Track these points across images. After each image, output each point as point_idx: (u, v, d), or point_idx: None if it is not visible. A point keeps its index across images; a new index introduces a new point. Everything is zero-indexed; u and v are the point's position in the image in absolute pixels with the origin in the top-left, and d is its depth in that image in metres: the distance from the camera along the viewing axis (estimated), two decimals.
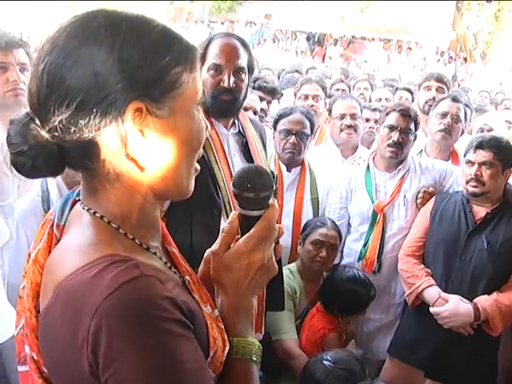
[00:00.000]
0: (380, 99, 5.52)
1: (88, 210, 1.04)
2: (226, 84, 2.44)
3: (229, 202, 2.37)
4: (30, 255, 1.10)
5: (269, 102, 4.59)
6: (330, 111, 4.20)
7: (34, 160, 0.99)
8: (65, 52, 0.96)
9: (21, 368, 1.09)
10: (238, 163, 2.50)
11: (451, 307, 2.99)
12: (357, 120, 4.03)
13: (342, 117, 4.00)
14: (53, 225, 1.10)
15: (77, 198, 1.11)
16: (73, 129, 0.96)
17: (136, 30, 0.99)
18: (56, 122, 0.96)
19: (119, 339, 0.88)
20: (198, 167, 1.12)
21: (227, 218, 2.29)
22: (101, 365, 0.89)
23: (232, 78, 2.44)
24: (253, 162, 2.51)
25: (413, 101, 5.34)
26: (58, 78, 0.96)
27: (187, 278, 1.12)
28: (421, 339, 3.15)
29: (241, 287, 1.13)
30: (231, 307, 1.13)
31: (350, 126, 3.98)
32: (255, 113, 3.91)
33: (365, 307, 3.16)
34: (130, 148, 0.99)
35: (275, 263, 1.17)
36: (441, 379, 3.06)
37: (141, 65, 0.97)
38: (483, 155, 3.01)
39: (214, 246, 1.16)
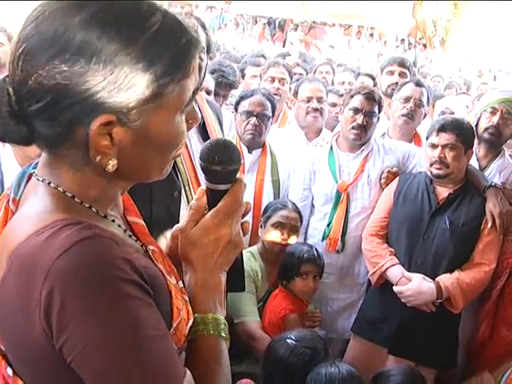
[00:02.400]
0: (343, 82, 5.52)
1: (43, 181, 1.00)
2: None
3: (188, 184, 2.33)
4: None
5: (224, 96, 4.57)
6: (295, 93, 4.18)
7: (2, 134, 0.97)
8: (44, 44, 0.89)
9: None
10: (195, 145, 2.46)
11: (414, 286, 3.02)
12: (323, 103, 4.02)
13: (309, 100, 3.98)
14: (9, 200, 1.07)
15: (32, 171, 1.07)
16: (38, 120, 0.93)
17: (126, 31, 0.90)
18: (27, 109, 0.92)
19: (72, 301, 0.84)
20: (179, 153, 1.08)
21: (187, 199, 2.26)
22: (54, 330, 0.86)
23: None
24: None
25: (374, 86, 5.35)
26: (32, 71, 0.90)
27: (150, 247, 1.10)
28: (384, 317, 3.18)
29: (209, 263, 1.11)
30: (199, 283, 1.11)
31: (316, 110, 3.97)
32: (208, 93, 3.87)
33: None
34: (95, 154, 0.94)
35: (243, 238, 1.15)
36: (404, 355, 3.09)
37: (120, 75, 0.90)
38: (446, 138, 3.04)
39: (182, 223, 1.14)
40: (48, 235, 0.89)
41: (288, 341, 2.45)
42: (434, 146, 3.08)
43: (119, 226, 1.06)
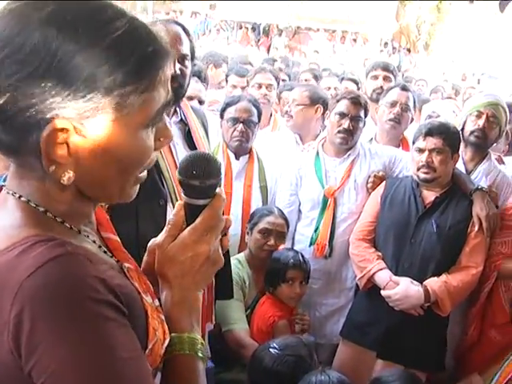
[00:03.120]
0: (329, 88, 5.53)
1: (13, 194, 0.95)
2: (171, 71, 2.37)
3: (174, 192, 2.32)
4: None
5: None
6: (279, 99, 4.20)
7: None
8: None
9: None
10: (181, 152, 2.45)
11: (402, 290, 3.02)
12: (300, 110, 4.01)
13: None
14: None
15: (2, 184, 1.01)
16: None
17: (87, 32, 0.85)
18: None
19: (42, 322, 0.80)
20: (145, 175, 1.02)
21: (173, 208, 2.24)
22: (23, 352, 0.81)
23: (177, 65, 2.38)
24: (197, 150, 2.46)
25: (358, 91, 5.35)
26: None
27: (126, 264, 1.04)
28: (372, 321, 3.18)
29: (186, 280, 1.07)
30: (176, 301, 1.07)
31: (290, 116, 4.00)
32: (201, 102, 3.86)
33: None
34: (50, 162, 0.88)
35: (221, 255, 1.11)
36: (392, 359, 3.09)
37: (77, 79, 0.84)
38: (433, 142, 3.05)
39: (159, 238, 1.10)
40: (18, 252, 0.85)
41: (271, 350, 2.43)
42: (420, 151, 3.08)
43: (94, 241, 1.02)
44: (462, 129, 3.35)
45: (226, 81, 5.30)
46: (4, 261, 0.85)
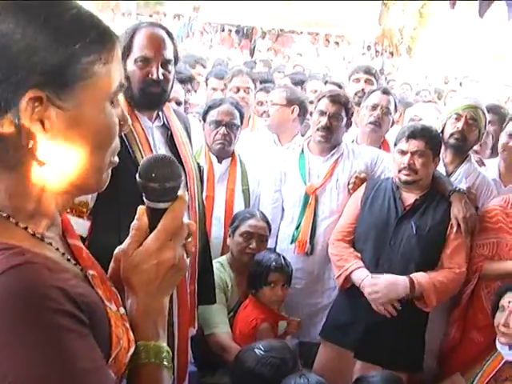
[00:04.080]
0: (316, 90, 5.54)
1: None
2: (154, 76, 2.37)
3: None
4: None
5: (188, 91, 4.56)
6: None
7: None
8: None
9: None
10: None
11: (387, 279, 3.04)
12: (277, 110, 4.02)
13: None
14: None
15: None
16: None
17: (46, 10, 0.90)
18: None
19: (1, 333, 0.79)
20: (116, 160, 1.04)
21: None
22: None
23: (161, 70, 2.38)
24: (178, 154, 2.46)
25: None
26: None
27: (90, 272, 1.03)
28: (351, 321, 3.18)
29: (151, 288, 1.06)
30: (141, 309, 1.06)
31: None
32: (178, 104, 3.85)
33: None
34: (26, 140, 0.89)
35: (187, 261, 1.10)
36: (370, 360, 3.10)
37: (45, 50, 0.88)
38: (415, 144, 3.07)
39: (124, 244, 1.08)
40: None
41: (256, 351, 2.43)
42: (403, 153, 3.10)
43: (57, 249, 1.00)
44: (442, 131, 3.37)
45: (206, 84, 5.31)
46: None
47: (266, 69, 8.05)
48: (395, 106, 3.89)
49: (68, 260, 1.01)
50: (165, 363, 1.05)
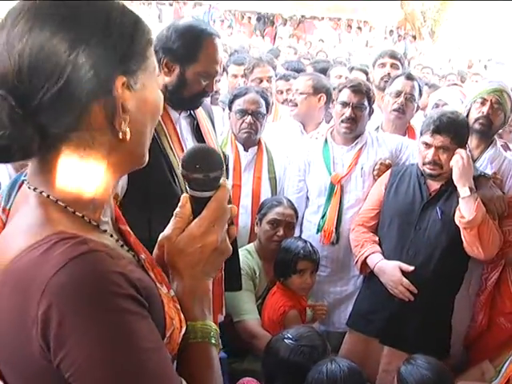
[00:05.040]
0: (340, 76, 5.52)
1: (34, 190, 0.99)
2: (210, 89, 2.43)
3: (186, 190, 2.33)
4: None
5: (218, 81, 4.57)
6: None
7: (11, 143, 0.92)
8: (45, 33, 0.91)
9: None
10: (190, 146, 2.46)
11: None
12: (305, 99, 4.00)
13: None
14: None
15: (24, 178, 1.05)
16: (48, 114, 0.92)
17: (99, 18, 0.96)
18: (38, 101, 0.91)
19: (70, 318, 0.85)
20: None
21: None
22: (52, 346, 0.85)
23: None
24: (204, 143, 2.48)
25: (368, 81, 5.34)
26: (40, 61, 0.90)
27: (142, 256, 1.09)
28: (375, 309, 3.20)
29: (196, 271, 1.11)
30: (187, 291, 1.11)
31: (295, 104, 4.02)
32: None
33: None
34: (116, 120, 0.98)
35: (229, 244, 1.15)
36: (397, 346, 3.11)
37: (121, 41, 0.97)
38: (440, 140, 3.02)
39: (167, 231, 1.13)
40: (42, 251, 0.89)
41: (286, 341, 2.46)
42: (427, 146, 3.06)
43: (111, 235, 1.05)
44: (467, 116, 3.32)
45: (226, 72, 5.31)
46: (28, 259, 0.89)
47: (292, 56, 7.97)
48: (420, 91, 3.85)
49: (121, 246, 1.07)
50: (212, 341, 1.10)
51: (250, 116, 3.37)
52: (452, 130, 3.03)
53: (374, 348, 3.20)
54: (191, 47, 2.34)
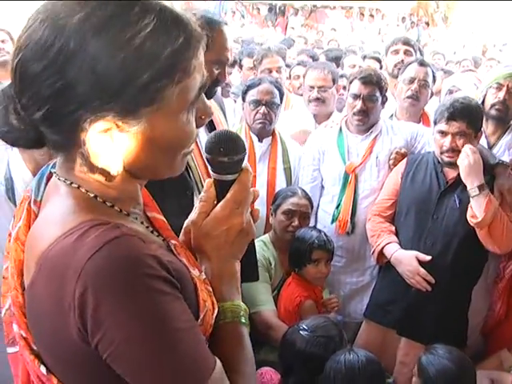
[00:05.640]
0: (354, 65, 5.48)
1: (65, 181, 1.02)
2: (223, 77, 2.41)
3: (200, 181, 2.33)
4: (10, 235, 1.10)
5: (229, 74, 4.56)
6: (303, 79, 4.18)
7: (13, 141, 1.00)
8: (37, 54, 0.90)
9: (10, 349, 1.10)
10: (204, 139, 2.45)
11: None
12: (325, 92, 3.98)
13: (311, 89, 3.97)
14: (30, 201, 1.10)
15: (52, 171, 1.09)
16: (45, 126, 0.95)
17: (118, 36, 0.89)
18: (30, 116, 0.94)
19: (106, 300, 0.87)
20: (191, 149, 1.08)
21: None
22: (90, 328, 0.88)
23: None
24: None
25: (381, 69, 5.30)
26: (29, 81, 0.92)
27: (172, 241, 1.12)
28: (393, 299, 3.19)
29: (222, 252, 1.13)
30: (215, 273, 1.14)
31: (317, 99, 3.97)
32: None
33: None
34: (97, 158, 0.95)
35: (253, 226, 1.17)
36: (414, 337, 3.10)
37: (115, 81, 0.89)
38: (456, 126, 2.97)
39: (193, 216, 1.16)
40: (77, 237, 0.91)
41: (302, 332, 2.46)
42: (443, 134, 3.02)
43: (142, 222, 1.09)
44: (483, 102, 3.29)
45: (239, 64, 5.30)
46: (63, 245, 0.92)
47: (303, 46, 7.95)
48: (433, 77, 3.81)
49: (152, 232, 1.10)
50: (242, 320, 1.12)
51: (264, 106, 3.36)
52: (466, 114, 2.98)
53: (390, 339, 3.19)
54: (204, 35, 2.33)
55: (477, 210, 2.88)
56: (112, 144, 0.94)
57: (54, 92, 0.90)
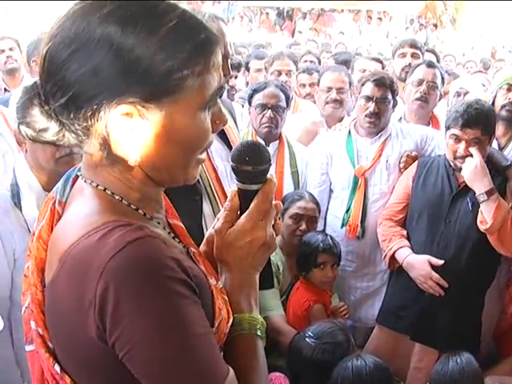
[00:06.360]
0: (364, 70, 5.43)
1: (90, 183, 1.04)
2: (227, 72, 2.39)
3: (209, 186, 2.32)
4: (33, 234, 1.11)
5: (235, 77, 4.56)
6: (318, 81, 4.15)
7: (34, 132, 1.03)
8: (66, 40, 0.94)
9: (28, 347, 1.10)
10: (213, 144, 2.44)
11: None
12: (343, 94, 3.96)
13: (329, 90, 3.94)
14: (55, 202, 1.11)
15: (78, 174, 1.10)
16: (65, 116, 0.97)
17: (144, 25, 0.93)
18: (52, 106, 0.97)
19: (126, 299, 0.88)
20: (204, 157, 1.10)
21: (209, 202, 2.24)
22: (108, 326, 0.89)
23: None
24: (227, 139, 2.46)
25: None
26: (55, 67, 0.95)
27: (192, 249, 1.13)
28: (406, 304, 3.16)
29: (244, 264, 1.14)
30: (235, 284, 1.14)
31: (335, 100, 3.94)
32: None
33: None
34: (115, 147, 0.98)
35: (275, 240, 1.17)
36: (428, 342, 3.07)
37: (138, 67, 0.93)
38: (471, 133, 2.91)
39: (217, 225, 1.16)
40: (100, 236, 0.93)
41: (308, 340, 2.45)
42: (457, 140, 2.95)
43: (164, 228, 1.10)
44: (493, 103, 3.26)
45: (247, 68, 5.29)
46: (86, 244, 0.93)
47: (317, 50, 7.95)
48: (442, 78, 3.78)
49: (173, 238, 1.12)
50: (259, 334, 1.12)
51: (269, 110, 3.35)
52: (482, 121, 2.92)
53: (403, 344, 3.15)
54: None
55: (486, 215, 2.85)
56: (132, 131, 0.96)
57: (79, 76, 0.93)
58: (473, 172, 2.86)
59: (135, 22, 0.93)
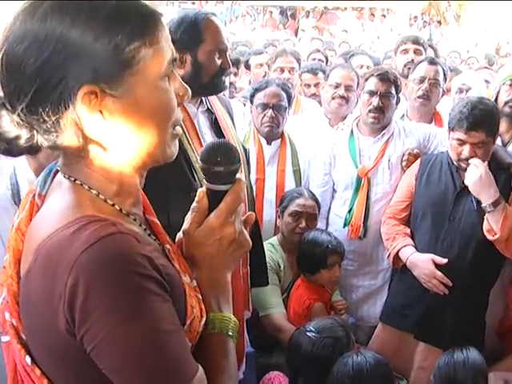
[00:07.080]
0: (362, 66, 5.42)
1: (68, 178, 1.05)
2: (227, 65, 2.43)
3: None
4: (13, 225, 1.12)
5: (235, 74, 4.56)
6: (327, 77, 4.09)
7: (7, 144, 1.02)
8: (18, 39, 0.96)
9: (4, 338, 1.10)
10: (209, 140, 2.45)
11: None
12: (350, 92, 3.92)
13: (337, 86, 3.90)
14: (35, 194, 1.12)
15: (58, 168, 1.11)
16: (34, 116, 0.97)
17: (86, 8, 0.96)
18: (19, 109, 0.97)
19: (95, 293, 0.88)
20: (179, 130, 1.11)
21: None
22: (77, 320, 0.90)
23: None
24: (223, 137, 2.46)
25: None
26: (14, 66, 0.97)
27: (167, 246, 1.13)
28: (410, 303, 3.14)
29: (214, 262, 1.14)
30: (205, 283, 1.14)
31: (342, 97, 3.88)
32: None
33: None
34: (88, 131, 0.99)
35: (248, 238, 1.17)
36: (432, 341, 3.05)
37: (90, 46, 0.95)
38: (476, 136, 2.87)
39: (185, 226, 1.17)
40: (73, 230, 0.94)
41: (308, 334, 2.45)
42: (462, 142, 2.91)
43: (140, 224, 1.10)
44: (496, 99, 3.23)
45: (247, 67, 5.29)
46: (60, 237, 0.94)
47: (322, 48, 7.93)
48: (444, 75, 3.74)
49: (149, 235, 1.12)
50: (229, 333, 1.13)
51: (271, 110, 3.35)
52: (486, 124, 2.88)
53: (406, 343, 3.14)
54: (193, 29, 2.35)
55: (494, 225, 2.82)
56: (100, 109, 0.97)
57: (37, 68, 0.94)
58: (478, 183, 2.83)
59: (77, 10, 0.95)
